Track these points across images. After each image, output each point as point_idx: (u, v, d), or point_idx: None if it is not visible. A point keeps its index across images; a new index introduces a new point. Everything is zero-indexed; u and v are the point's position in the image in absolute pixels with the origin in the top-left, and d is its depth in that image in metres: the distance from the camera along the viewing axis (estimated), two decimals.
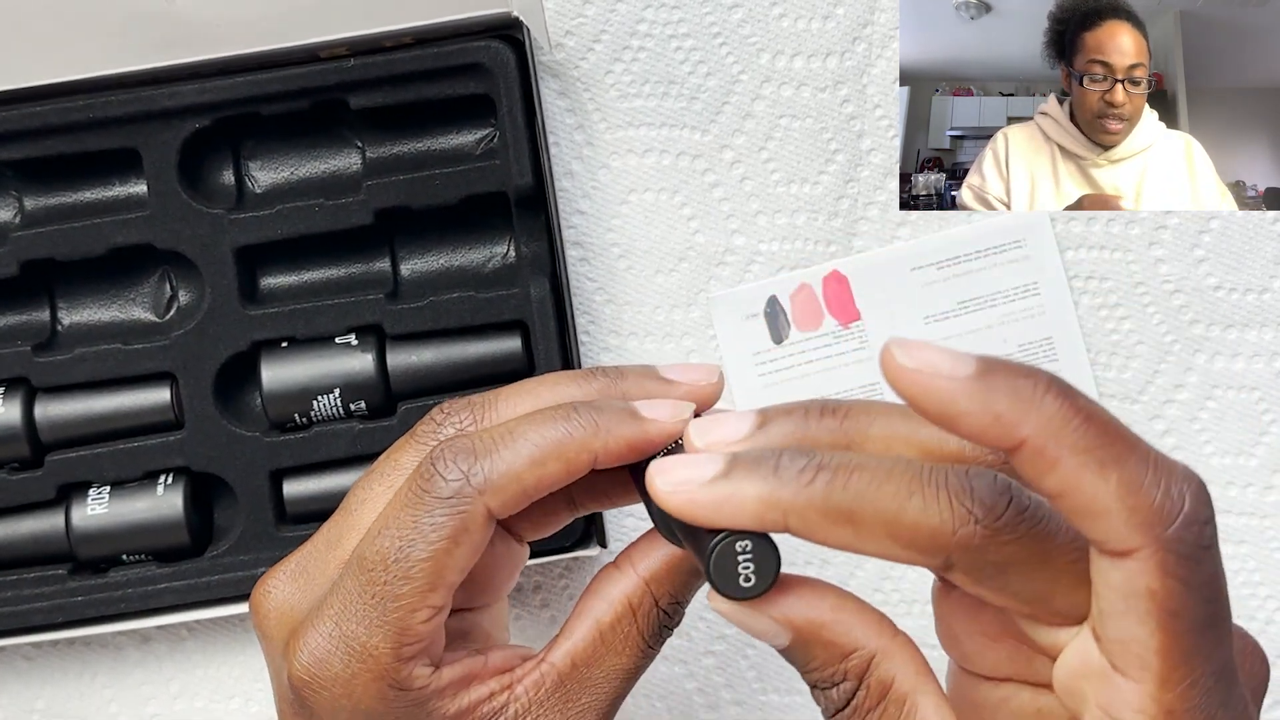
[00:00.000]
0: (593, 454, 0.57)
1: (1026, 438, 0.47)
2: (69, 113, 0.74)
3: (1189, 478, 0.48)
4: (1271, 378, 0.76)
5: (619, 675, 0.59)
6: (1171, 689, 0.48)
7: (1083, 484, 0.47)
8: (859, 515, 0.50)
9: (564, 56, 0.77)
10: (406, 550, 0.55)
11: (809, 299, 0.76)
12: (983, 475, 0.50)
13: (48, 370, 0.75)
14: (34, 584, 0.74)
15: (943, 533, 0.49)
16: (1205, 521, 0.48)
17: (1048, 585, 0.50)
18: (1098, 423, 0.48)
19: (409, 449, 0.60)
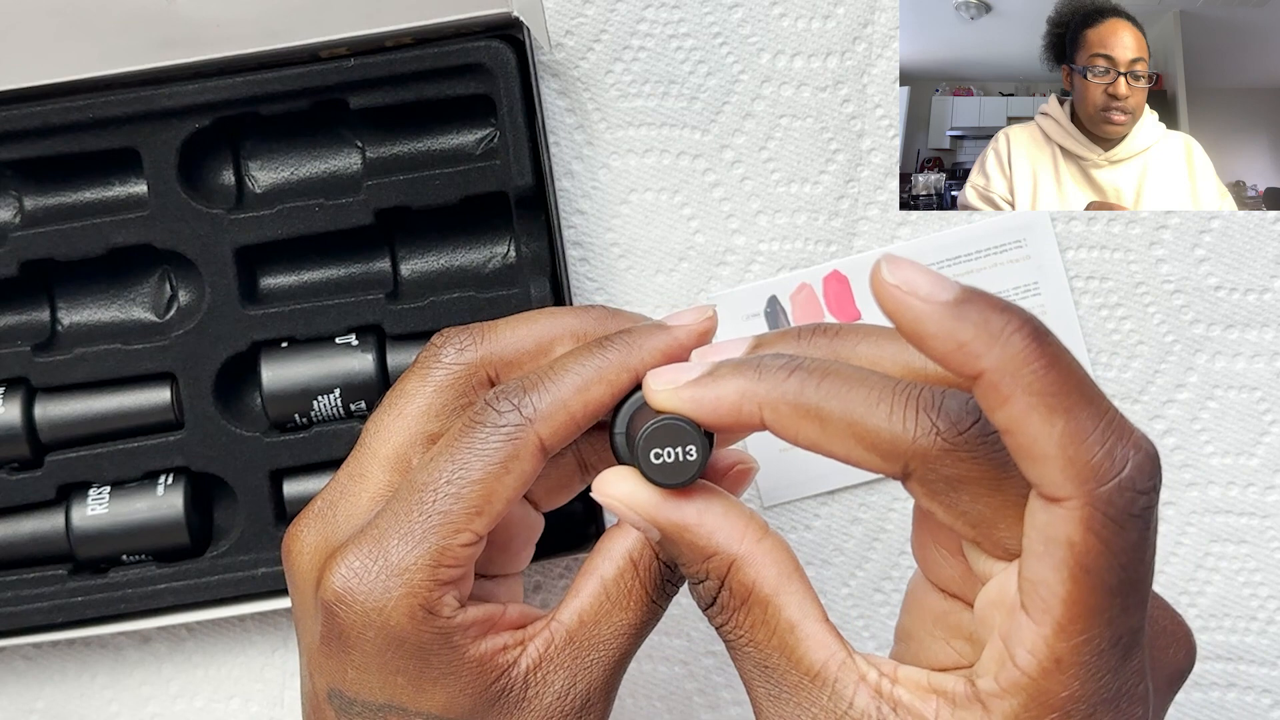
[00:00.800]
0: (633, 371, 0.60)
1: (984, 370, 0.49)
2: (69, 112, 0.74)
3: (1140, 445, 0.50)
4: (1272, 377, 0.76)
5: (626, 632, 0.60)
6: (1066, 639, 0.50)
7: (1029, 425, 0.49)
8: (827, 413, 0.53)
9: (564, 56, 0.77)
10: (459, 472, 0.58)
11: (809, 299, 0.76)
12: (956, 395, 0.52)
13: (47, 370, 0.75)
14: (34, 584, 0.74)
15: (902, 439, 0.52)
16: (1143, 491, 0.49)
17: (994, 512, 0.52)
18: (1059, 370, 0.49)
19: (412, 377, 0.62)
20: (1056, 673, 0.51)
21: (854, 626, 0.77)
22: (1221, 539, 0.76)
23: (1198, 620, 0.76)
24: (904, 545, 0.76)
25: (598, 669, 0.60)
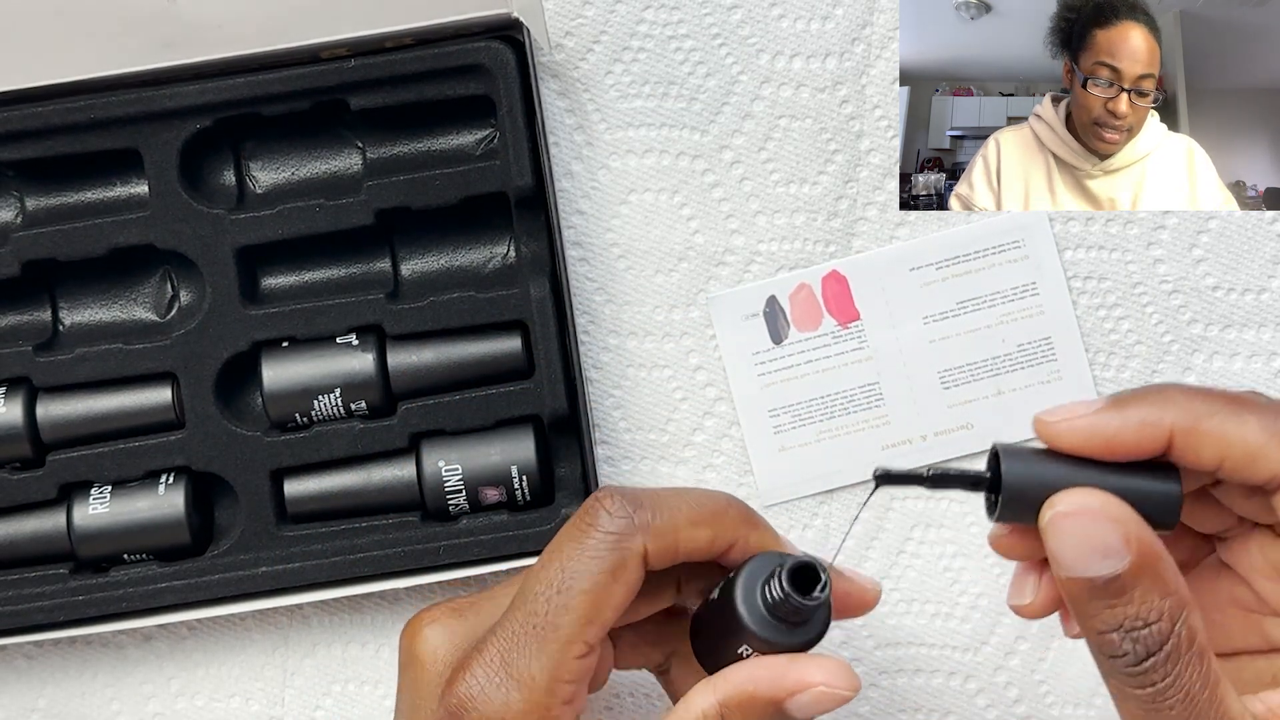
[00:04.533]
0: (743, 541, 0.63)
1: (1171, 427, 0.55)
2: (70, 113, 0.74)
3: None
4: (1269, 377, 0.76)
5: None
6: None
7: (1227, 435, 0.55)
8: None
9: (564, 57, 0.77)
10: (568, 581, 0.60)
11: (808, 299, 0.76)
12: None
13: (49, 370, 0.75)
14: (35, 583, 0.74)
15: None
16: None
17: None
18: (1217, 392, 0.56)
19: (583, 553, 0.62)
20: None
21: (853, 625, 0.77)
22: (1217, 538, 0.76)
23: None
24: (903, 545, 0.77)
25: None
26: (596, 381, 0.77)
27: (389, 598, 0.78)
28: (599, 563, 0.60)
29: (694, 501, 0.62)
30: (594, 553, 0.60)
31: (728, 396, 0.77)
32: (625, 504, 0.61)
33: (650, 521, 0.61)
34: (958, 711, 0.77)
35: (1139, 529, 0.55)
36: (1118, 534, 0.55)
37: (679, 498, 0.62)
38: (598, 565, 0.60)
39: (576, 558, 0.60)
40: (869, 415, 0.76)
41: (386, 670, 0.78)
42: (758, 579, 0.61)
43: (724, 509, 0.63)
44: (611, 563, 0.60)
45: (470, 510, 0.74)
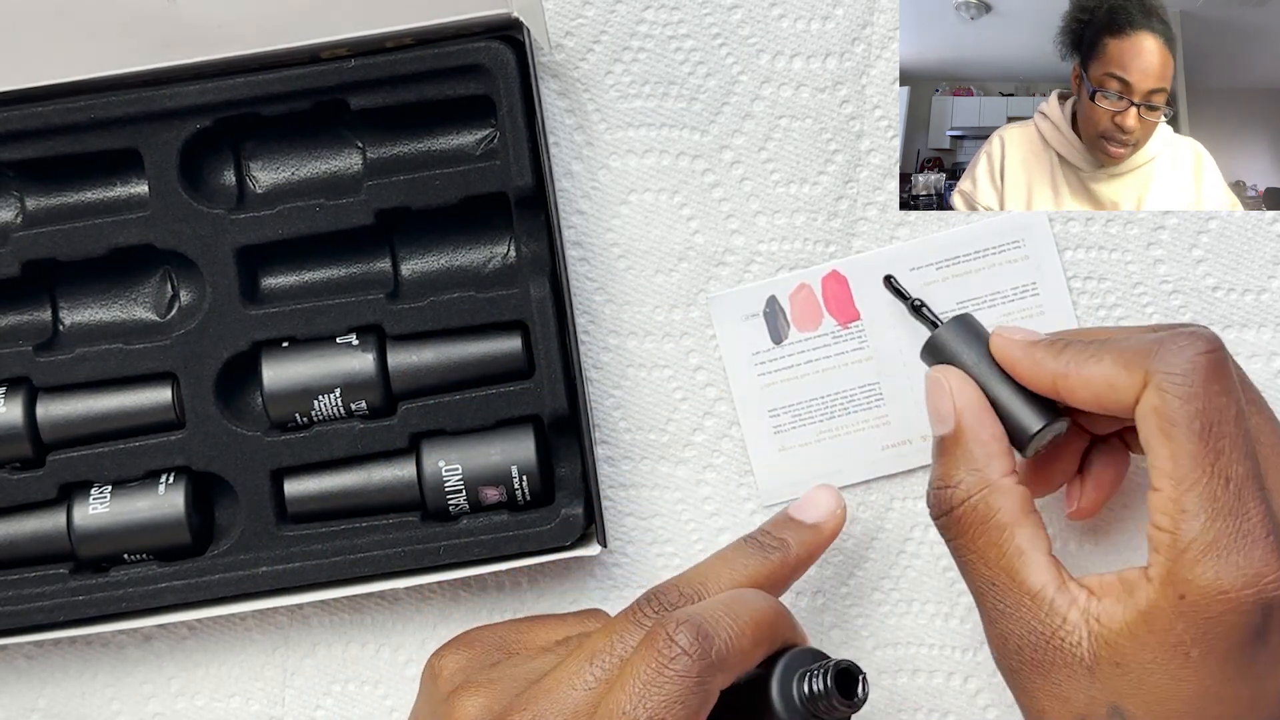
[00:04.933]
0: (787, 641, 0.66)
1: (1052, 373, 0.66)
2: (70, 113, 0.74)
3: (1186, 329, 0.64)
4: (1270, 378, 0.76)
5: None
6: (1181, 488, 0.61)
7: (1089, 376, 0.65)
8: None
9: (564, 57, 0.77)
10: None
11: (808, 299, 0.76)
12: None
13: (49, 370, 0.75)
14: (35, 583, 0.74)
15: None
16: (1203, 351, 0.62)
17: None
18: (1097, 333, 0.67)
19: (635, 631, 0.64)
20: (1185, 521, 0.61)
21: (853, 625, 0.77)
22: None
23: None
24: (902, 545, 0.77)
25: None
26: (596, 381, 0.77)
27: (389, 598, 0.78)
28: (687, 709, 0.61)
29: (752, 617, 0.64)
30: (681, 700, 0.60)
31: (728, 396, 0.77)
32: (699, 640, 0.61)
33: (725, 652, 0.62)
34: (957, 711, 0.77)
35: (969, 409, 0.68)
36: (948, 405, 0.68)
37: (736, 612, 0.63)
38: (685, 712, 0.61)
39: (659, 699, 0.60)
40: (869, 415, 0.76)
41: (386, 670, 0.78)
42: (792, 675, 0.64)
43: (774, 620, 0.65)
44: (697, 706, 0.61)
45: (470, 510, 0.74)
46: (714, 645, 0.61)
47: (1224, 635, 0.61)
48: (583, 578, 0.77)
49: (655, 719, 0.60)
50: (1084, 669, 0.63)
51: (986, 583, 0.66)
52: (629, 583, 0.77)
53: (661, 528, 0.77)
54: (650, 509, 0.77)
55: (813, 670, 0.64)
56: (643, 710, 0.60)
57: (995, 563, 0.65)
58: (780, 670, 0.64)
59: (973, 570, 0.66)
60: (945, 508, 0.67)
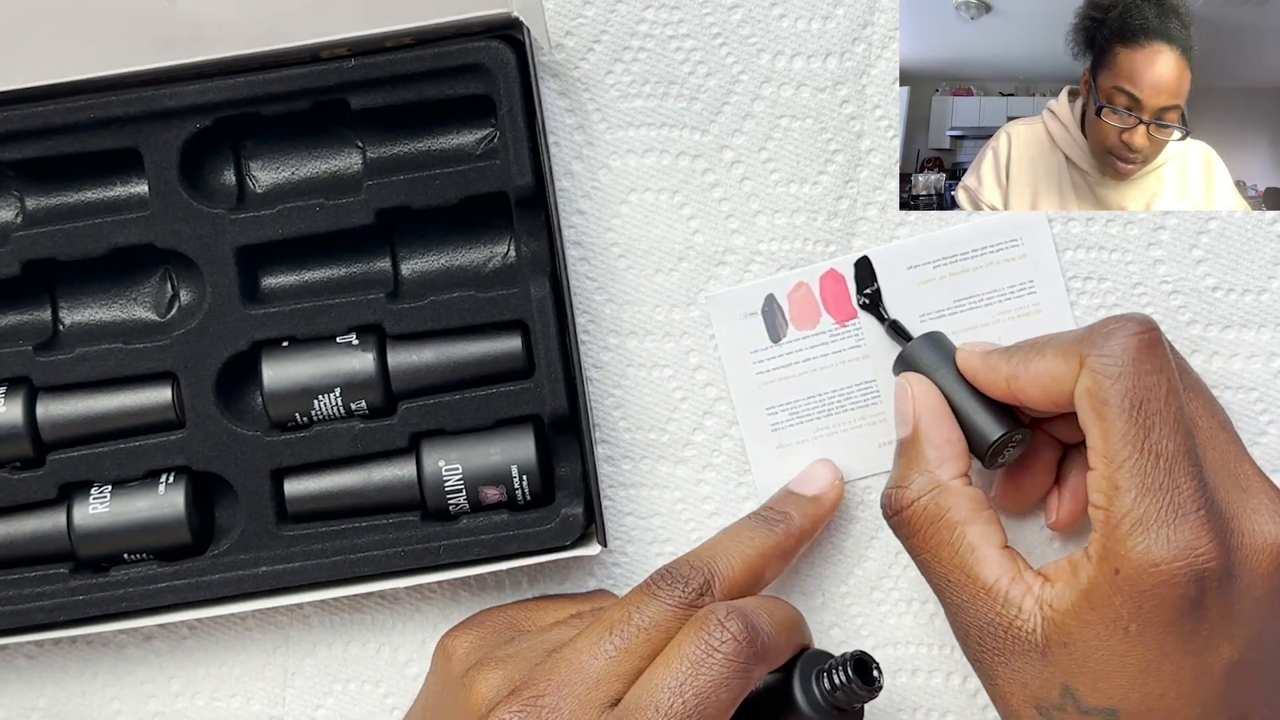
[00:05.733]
0: (806, 643, 0.69)
1: (1006, 376, 0.68)
2: (71, 113, 0.74)
3: (1119, 318, 0.65)
4: (1269, 378, 0.76)
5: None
6: (1113, 466, 0.63)
7: (1036, 373, 0.67)
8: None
9: (564, 57, 0.77)
10: (702, 707, 0.62)
11: (806, 297, 0.76)
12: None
13: (49, 370, 0.75)
14: (35, 583, 0.75)
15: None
16: (1134, 333, 0.64)
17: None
18: (1046, 337, 0.68)
19: (656, 605, 0.67)
20: (1117, 498, 0.63)
21: (853, 625, 0.77)
22: None
23: None
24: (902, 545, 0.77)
25: None
26: (596, 381, 0.77)
27: (389, 598, 0.78)
28: (730, 692, 0.63)
29: (786, 618, 0.67)
30: (727, 683, 0.63)
31: (727, 396, 0.77)
32: (748, 629, 0.63)
33: (767, 644, 0.64)
34: (957, 711, 0.77)
35: (928, 413, 0.70)
36: (909, 408, 0.70)
37: (773, 611, 0.66)
38: (729, 695, 0.63)
39: (706, 679, 0.62)
40: (866, 413, 0.76)
41: (387, 670, 0.78)
42: (809, 673, 0.66)
43: (800, 624, 0.68)
44: (739, 691, 0.63)
45: (470, 510, 0.74)
46: (759, 636, 0.64)
47: (1159, 608, 0.62)
48: (583, 577, 0.77)
49: (701, 697, 0.62)
50: (1038, 653, 0.65)
51: (943, 579, 0.68)
52: (629, 582, 0.77)
53: (661, 527, 0.77)
54: (650, 509, 0.77)
55: (830, 665, 0.66)
56: (690, 688, 0.62)
57: (949, 560, 0.67)
58: (800, 670, 0.67)
59: (928, 568, 0.69)
60: (896, 508, 0.69)
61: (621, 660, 0.64)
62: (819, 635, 0.77)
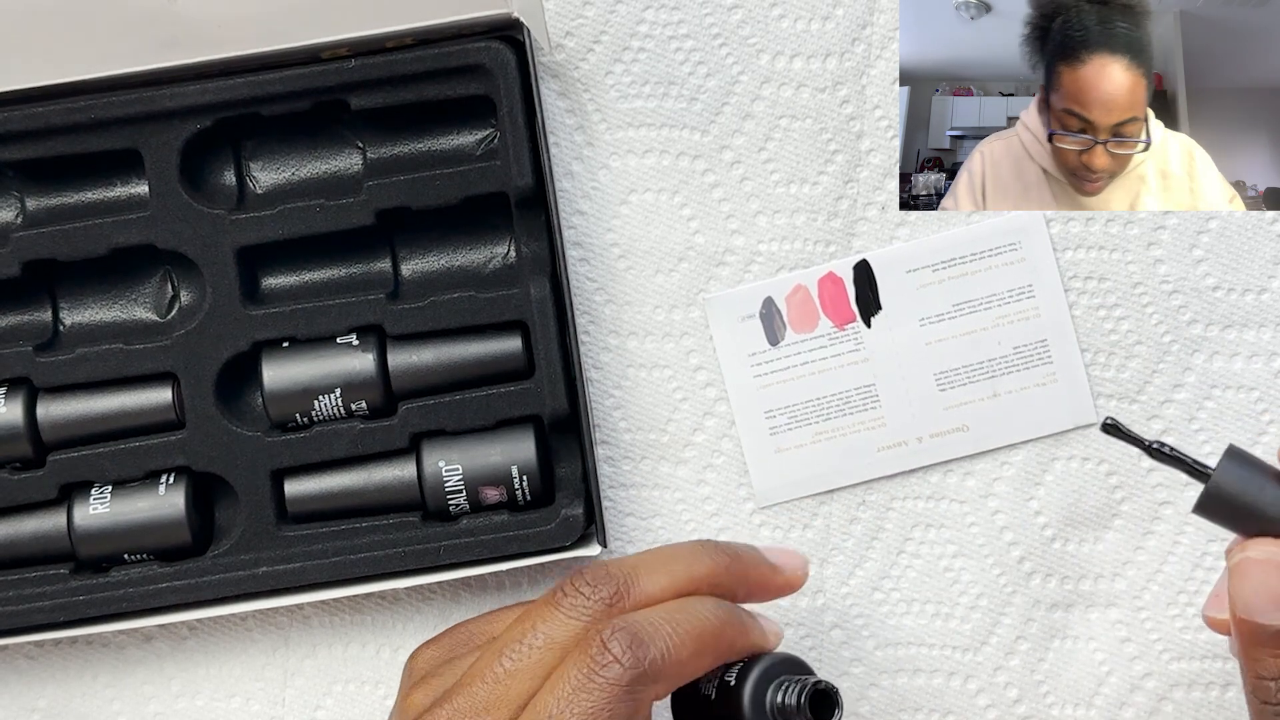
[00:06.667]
0: (745, 649, 0.64)
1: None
2: (71, 113, 0.74)
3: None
4: (1270, 377, 0.76)
5: None
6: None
7: None
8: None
9: (564, 57, 0.77)
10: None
11: (805, 300, 0.76)
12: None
13: (49, 370, 0.75)
14: (36, 583, 0.75)
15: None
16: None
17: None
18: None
19: (557, 619, 0.62)
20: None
21: (853, 625, 0.77)
22: (1219, 539, 0.76)
23: (1195, 620, 0.76)
24: (902, 545, 0.77)
25: None
26: (597, 381, 0.77)
27: (389, 598, 0.78)
28: (612, 716, 0.60)
29: (695, 626, 0.62)
30: (609, 708, 0.60)
31: (727, 397, 0.77)
32: (632, 648, 0.60)
33: (660, 663, 0.61)
34: (958, 711, 0.77)
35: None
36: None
37: (677, 620, 0.62)
38: (611, 719, 0.60)
39: (587, 705, 0.59)
40: (865, 417, 0.76)
41: (387, 670, 0.78)
42: (768, 682, 0.64)
43: (720, 629, 0.63)
44: (628, 714, 0.60)
45: (471, 510, 0.75)
46: (648, 654, 0.60)
47: None
48: None
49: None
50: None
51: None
52: None
53: (661, 528, 0.77)
54: (650, 509, 0.77)
55: (789, 682, 0.63)
56: (569, 714, 0.59)
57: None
58: (755, 676, 0.64)
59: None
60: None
61: (510, 684, 0.61)
62: (819, 636, 0.77)
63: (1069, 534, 0.76)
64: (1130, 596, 0.76)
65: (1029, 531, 0.76)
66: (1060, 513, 0.76)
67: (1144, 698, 0.76)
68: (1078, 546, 0.76)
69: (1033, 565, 0.76)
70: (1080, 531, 0.76)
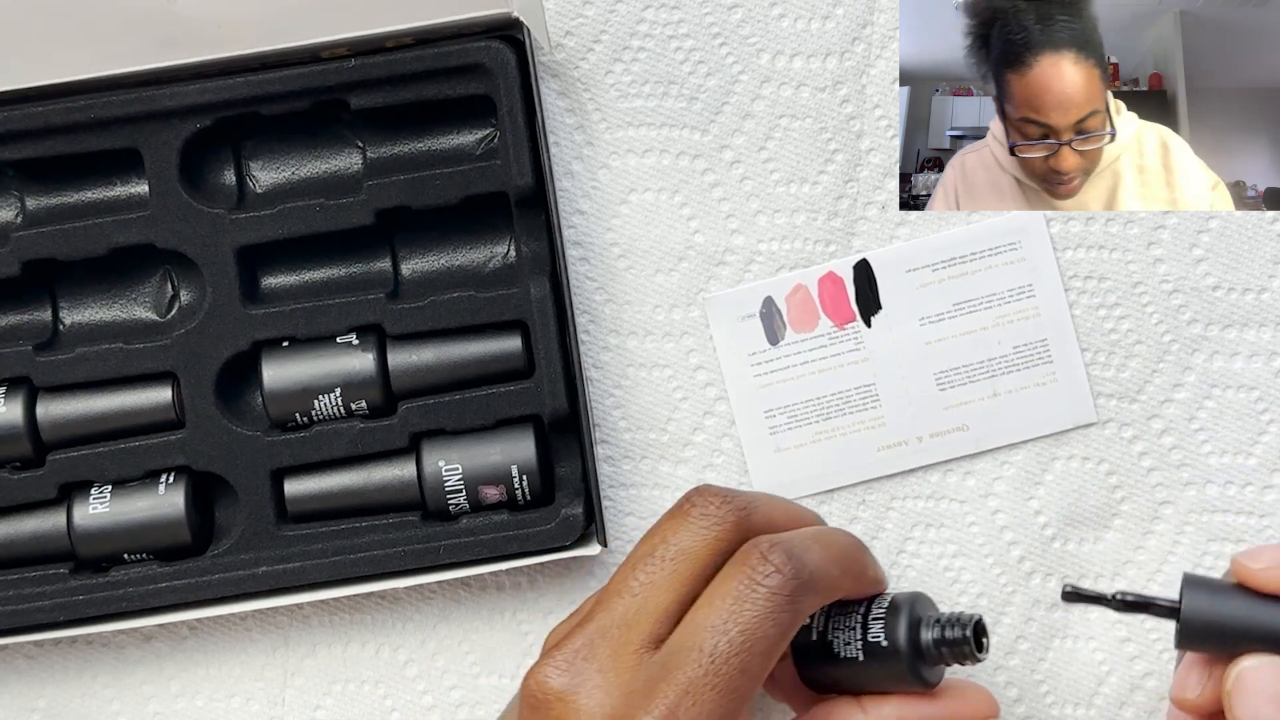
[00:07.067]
0: (873, 581, 0.66)
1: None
2: (71, 113, 0.74)
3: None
4: (1270, 377, 0.76)
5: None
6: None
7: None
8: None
9: (564, 57, 0.77)
10: (749, 644, 0.59)
11: (805, 300, 0.76)
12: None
13: (49, 370, 0.75)
14: (35, 583, 0.75)
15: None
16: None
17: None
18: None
19: (687, 529, 0.63)
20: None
21: None
22: (1219, 538, 0.76)
23: None
24: (902, 544, 0.77)
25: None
26: (596, 381, 0.77)
27: (389, 597, 0.78)
28: (778, 628, 0.60)
29: (840, 548, 0.64)
30: (773, 617, 0.60)
31: (727, 396, 0.77)
32: (791, 560, 0.61)
33: (817, 577, 0.62)
34: None
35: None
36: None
37: (824, 542, 0.64)
38: (777, 630, 0.60)
39: (756, 623, 0.60)
40: (865, 416, 0.76)
41: (387, 670, 0.78)
42: (918, 628, 0.65)
43: (858, 554, 0.65)
44: (788, 625, 0.61)
45: (470, 510, 0.75)
46: (807, 567, 0.61)
47: None
48: (583, 577, 0.77)
49: (747, 633, 0.60)
50: None
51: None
52: None
53: None
54: (650, 509, 0.77)
55: (942, 620, 0.65)
56: (734, 624, 0.60)
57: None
58: (906, 616, 0.65)
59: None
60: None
61: (648, 596, 0.62)
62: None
63: (1069, 533, 0.76)
64: None
65: (1029, 531, 0.76)
66: (1060, 512, 0.76)
67: (1144, 697, 0.76)
68: (1078, 546, 0.76)
69: (1033, 565, 0.76)
70: (1080, 531, 0.76)
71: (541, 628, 0.77)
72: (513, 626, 0.77)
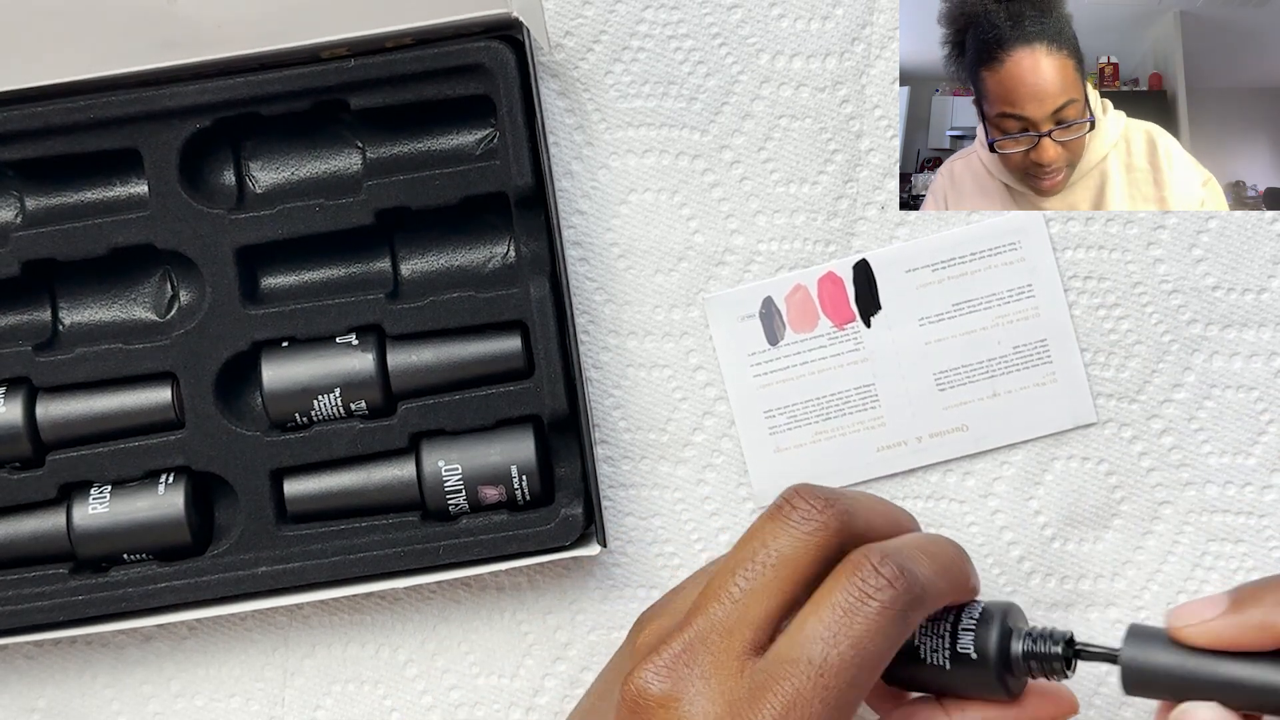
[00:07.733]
0: (972, 589, 0.65)
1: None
2: (70, 113, 0.74)
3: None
4: (1269, 377, 0.76)
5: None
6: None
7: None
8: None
9: (564, 57, 0.77)
10: (859, 658, 0.59)
11: (804, 300, 0.76)
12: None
13: (49, 370, 0.75)
14: (35, 583, 0.75)
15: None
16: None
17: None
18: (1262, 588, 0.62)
19: (786, 534, 0.62)
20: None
21: None
22: (1219, 538, 0.76)
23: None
24: None
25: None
26: (596, 381, 0.77)
27: (388, 597, 0.78)
28: (888, 641, 0.60)
29: (947, 559, 0.64)
30: (884, 631, 0.60)
31: (727, 396, 0.77)
32: (903, 574, 0.60)
33: (926, 590, 0.61)
34: None
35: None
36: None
37: (932, 552, 0.63)
38: (886, 644, 0.60)
39: (862, 628, 0.59)
40: (865, 417, 0.76)
41: (386, 670, 0.78)
42: (1009, 630, 0.65)
43: (962, 563, 0.65)
44: (896, 639, 0.60)
45: (470, 510, 0.75)
46: (918, 580, 0.61)
47: None
48: (583, 578, 0.77)
49: (857, 646, 0.59)
50: None
51: None
52: (629, 583, 0.77)
53: (661, 528, 0.77)
54: (650, 509, 0.77)
55: (1041, 634, 0.64)
56: (845, 637, 0.59)
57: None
58: (998, 626, 0.65)
59: None
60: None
61: (748, 604, 0.61)
62: None
63: (1069, 534, 0.76)
64: (1130, 596, 0.76)
65: (1029, 531, 0.76)
66: (1060, 512, 0.76)
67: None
68: (1077, 546, 0.76)
69: (1033, 565, 0.76)
70: (1080, 531, 0.76)
71: (541, 628, 0.77)
72: (512, 627, 0.77)
